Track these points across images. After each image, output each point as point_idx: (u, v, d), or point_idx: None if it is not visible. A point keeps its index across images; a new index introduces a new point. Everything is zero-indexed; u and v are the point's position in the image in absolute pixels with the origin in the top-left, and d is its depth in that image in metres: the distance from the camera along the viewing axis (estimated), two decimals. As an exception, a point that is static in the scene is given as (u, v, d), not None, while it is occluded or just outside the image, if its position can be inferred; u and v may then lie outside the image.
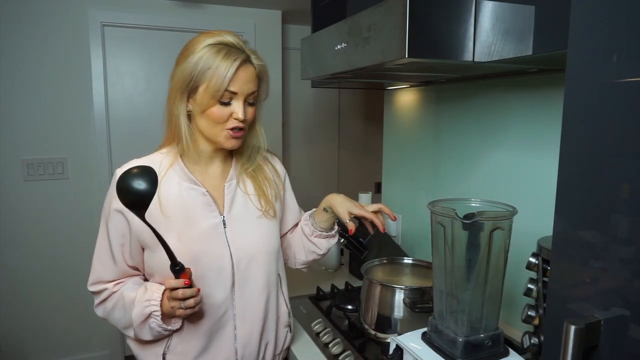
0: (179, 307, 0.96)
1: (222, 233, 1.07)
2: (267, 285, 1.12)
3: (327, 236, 1.24)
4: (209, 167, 1.11)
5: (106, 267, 1.07)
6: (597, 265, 0.52)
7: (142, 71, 2.62)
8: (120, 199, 0.88)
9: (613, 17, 0.49)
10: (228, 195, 1.10)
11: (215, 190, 1.10)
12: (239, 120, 1.01)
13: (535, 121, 1.25)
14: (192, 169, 1.08)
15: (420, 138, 1.74)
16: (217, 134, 1.03)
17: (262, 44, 2.81)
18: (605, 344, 0.51)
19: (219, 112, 1.00)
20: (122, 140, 2.60)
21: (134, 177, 0.88)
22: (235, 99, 1.01)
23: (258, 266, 1.10)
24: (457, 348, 0.92)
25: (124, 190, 0.88)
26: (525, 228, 1.11)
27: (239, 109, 1.01)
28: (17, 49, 2.34)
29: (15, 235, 2.44)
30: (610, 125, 0.50)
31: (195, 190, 1.06)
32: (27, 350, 2.51)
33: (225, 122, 1.02)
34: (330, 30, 1.16)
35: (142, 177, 0.88)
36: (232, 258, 1.07)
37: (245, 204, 1.12)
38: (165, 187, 1.04)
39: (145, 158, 1.09)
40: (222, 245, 1.06)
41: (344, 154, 3.46)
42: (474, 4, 0.90)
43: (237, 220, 1.09)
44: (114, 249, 1.05)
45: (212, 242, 1.06)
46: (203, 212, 1.06)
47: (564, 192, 0.56)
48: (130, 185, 0.87)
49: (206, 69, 0.97)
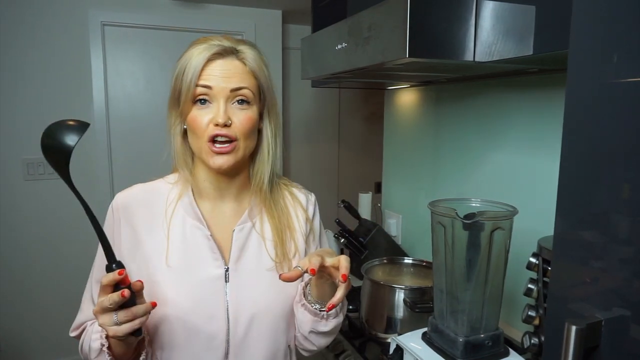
0: (110, 324, 0.71)
1: (221, 289, 0.85)
2: (273, 359, 0.89)
3: (313, 313, 0.87)
4: (220, 204, 0.91)
5: (88, 309, 0.89)
6: (597, 265, 0.52)
7: (142, 71, 2.62)
8: (43, 155, 0.71)
9: (614, 17, 0.49)
10: (237, 242, 0.88)
11: (223, 233, 0.89)
12: (219, 125, 0.80)
13: (535, 121, 1.25)
14: (200, 204, 0.89)
15: (420, 138, 1.74)
16: (201, 148, 0.83)
17: (262, 44, 2.79)
18: (606, 344, 0.51)
19: (196, 115, 0.82)
20: (122, 140, 2.60)
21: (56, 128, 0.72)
22: (214, 99, 0.82)
23: (261, 333, 0.87)
24: (457, 348, 0.92)
25: (43, 144, 0.71)
26: (525, 228, 1.11)
27: (217, 109, 0.81)
28: (18, 49, 2.34)
29: (15, 235, 2.44)
30: (611, 125, 0.50)
31: (200, 230, 0.87)
32: (28, 350, 2.51)
33: (206, 131, 0.81)
34: (331, 30, 1.16)
35: (64, 129, 0.72)
36: (229, 322, 0.85)
37: (260, 252, 0.90)
38: (172, 228, 0.87)
39: (150, 184, 0.92)
40: (218, 305, 0.85)
41: (344, 154, 3.46)
42: (475, 4, 0.90)
43: (244, 274, 0.87)
44: (94, 288, 0.88)
45: (207, 298, 0.84)
46: (204, 260, 0.86)
47: (564, 192, 0.56)
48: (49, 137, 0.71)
49: (183, 70, 0.82)
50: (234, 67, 0.83)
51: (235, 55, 0.84)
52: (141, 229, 0.87)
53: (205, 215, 0.89)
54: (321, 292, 0.86)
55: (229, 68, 0.83)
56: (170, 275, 0.84)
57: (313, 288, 0.87)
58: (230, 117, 0.82)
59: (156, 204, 0.89)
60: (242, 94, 0.83)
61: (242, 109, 0.83)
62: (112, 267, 0.72)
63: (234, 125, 0.82)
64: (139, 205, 0.89)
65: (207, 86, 0.81)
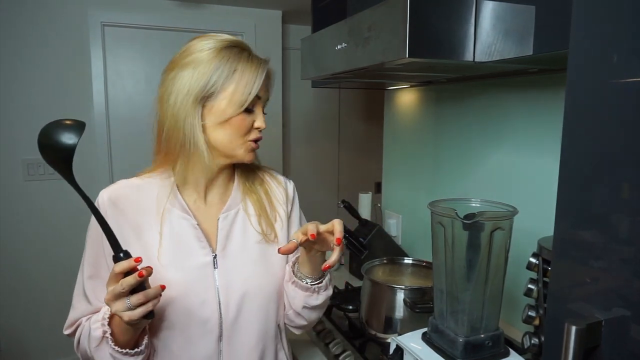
0: (123, 309, 0.73)
1: (210, 275, 0.90)
2: (263, 338, 0.95)
3: (304, 288, 0.93)
4: (206, 195, 0.95)
5: (82, 306, 0.90)
6: (597, 265, 0.52)
7: (142, 71, 2.62)
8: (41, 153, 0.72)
9: (614, 17, 0.49)
10: (222, 229, 0.93)
11: (209, 222, 0.94)
12: (260, 130, 0.91)
13: (535, 121, 1.25)
14: (186, 196, 0.93)
15: (420, 138, 1.74)
16: (238, 146, 0.90)
17: (262, 44, 2.81)
18: (606, 345, 0.51)
19: (242, 121, 0.88)
20: (122, 140, 2.60)
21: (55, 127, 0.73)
22: (257, 105, 0.90)
23: (251, 315, 0.92)
24: (457, 348, 0.92)
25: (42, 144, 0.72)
26: (525, 228, 1.11)
27: (260, 117, 0.91)
28: (17, 49, 2.34)
29: (15, 235, 2.44)
30: (611, 125, 0.50)
31: (187, 220, 0.91)
32: (27, 350, 2.51)
33: (247, 134, 0.90)
34: (330, 30, 1.16)
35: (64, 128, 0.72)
36: (220, 306, 0.90)
37: (246, 233, 0.95)
38: (165, 224, 0.90)
39: (134, 180, 0.94)
40: (208, 290, 0.89)
41: (344, 154, 3.46)
42: (475, 4, 0.90)
43: (232, 258, 0.93)
44: (86, 285, 0.90)
45: (197, 286, 0.89)
46: (192, 249, 0.90)
47: (564, 192, 0.56)
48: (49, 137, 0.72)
49: (231, 72, 0.85)
50: (270, 78, 0.94)
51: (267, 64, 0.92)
52: (130, 224, 0.89)
53: (191, 206, 0.93)
54: (311, 267, 0.92)
55: (269, 79, 0.93)
56: (161, 267, 0.87)
57: (302, 265, 0.93)
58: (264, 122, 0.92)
59: (143, 200, 0.92)
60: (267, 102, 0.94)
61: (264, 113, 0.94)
62: (120, 256, 0.74)
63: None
64: (127, 200, 0.91)
65: (259, 97, 0.90)
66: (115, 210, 0.89)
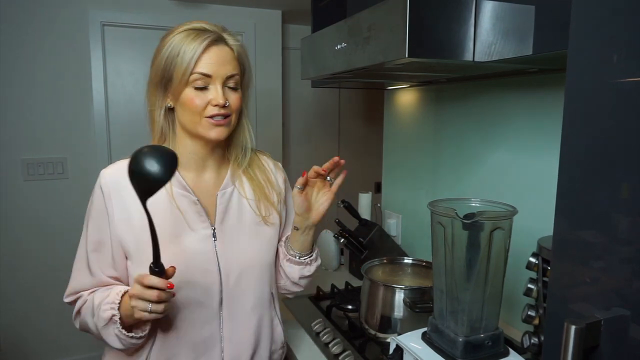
0: (142, 309, 0.84)
1: (211, 246, 0.99)
2: (260, 305, 1.05)
3: (298, 263, 1.09)
4: (202, 174, 1.03)
5: (83, 277, 0.98)
6: (597, 265, 0.52)
7: (142, 71, 2.61)
8: (130, 178, 0.78)
9: (613, 17, 0.49)
10: (221, 205, 1.02)
11: (207, 198, 1.01)
12: (219, 106, 0.93)
13: (535, 121, 1.25)
14: (184, 175, 1.01)
15: (420, 138, 1.74)
16: (197, 124, 0.94)
17: (262, 44, 2.81)
18: (605, 344, 0.51)
19: (193, 97, 0.92)
20: (121, 140, 2.60)
21: (151, 156, 0.77)
22: (211, 83, 0.93)
23: (249, 282, 1.03)
24: (457, 348, 0.92)
25: (137, 170, 0.76)
26: (525, 228, 1.11)
27: (216, 93, 0.93)
28: (17, 49, 2.34)
29: (15, 235, 2.43)
30: (611, 125, 0.50)
31: (187, 197, 0.98)
32: (27, 350, 2.51)
33: (204, 110, 0.93)
34: (330, 30, 1.16)
35: (160, 159, 0.77)
36: (221, 273, 0.99)
37: (241, 211, 1.04)
38: (168, 200, 0.97)
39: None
40: (210, 260, 0.98)
41: (344, 154, 3.45)
42: (474, 4, 0.90)
43: (229, 232, 1.02)
44: (90, 258, 0.97)
45: (199, 256, 0.98)
46: (192, 223, 0.98)
47: (564, 191, 0.56)
48: (144, 165, 0.76)
49: (175, 56, 0.92)
50: (225, 54, 0.95)
51: (224, 42, 0.96)
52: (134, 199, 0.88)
53: (190, 184, 1.00)
54: (300, 245, 1.08)
55: (223, 55, 0.94)
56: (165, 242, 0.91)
57: (293, 243, 1.09)
58: (227, 99, 0.94)
59: None
60: (234, 80, 0.96)
61: (234, 90, 0.97)
62: (155, 270, 0.82)
63: (229, 104, 0.95)
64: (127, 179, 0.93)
65: (207, 74, 0.92)
66: (118, 186, 0.96)
